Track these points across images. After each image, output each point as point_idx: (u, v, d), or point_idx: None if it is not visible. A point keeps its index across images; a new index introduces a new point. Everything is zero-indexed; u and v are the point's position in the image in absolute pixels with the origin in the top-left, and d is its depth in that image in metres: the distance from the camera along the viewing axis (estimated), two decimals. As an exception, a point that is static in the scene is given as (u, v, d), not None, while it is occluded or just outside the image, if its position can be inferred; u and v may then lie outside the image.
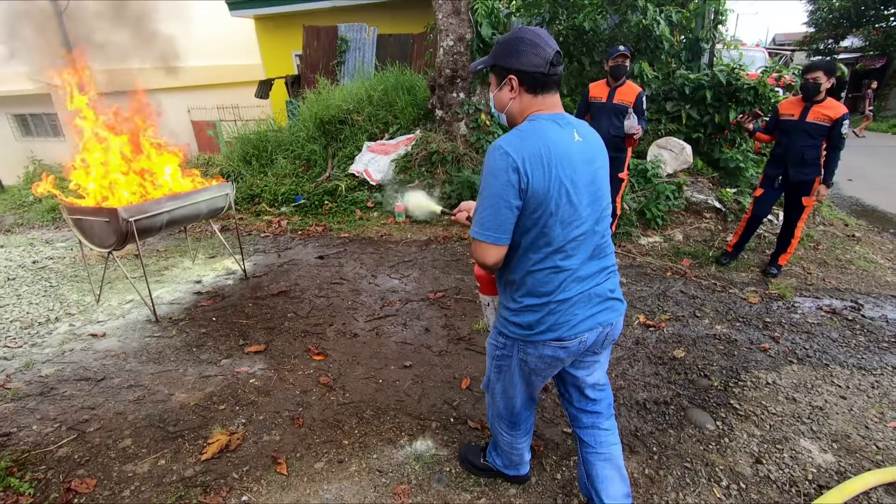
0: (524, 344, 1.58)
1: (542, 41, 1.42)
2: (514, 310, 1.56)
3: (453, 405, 2.61)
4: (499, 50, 1.47)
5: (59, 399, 2.77)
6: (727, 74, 5.49)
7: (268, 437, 2.42)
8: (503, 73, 1.47)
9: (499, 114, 1.58)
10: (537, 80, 1.43)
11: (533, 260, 1.48)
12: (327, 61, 9.25)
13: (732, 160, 5.49)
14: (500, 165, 1.37)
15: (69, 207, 3.55)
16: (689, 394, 2.67)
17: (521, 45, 1.42)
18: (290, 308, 3.77)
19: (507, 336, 1.62)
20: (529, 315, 1.53)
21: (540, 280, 1.49)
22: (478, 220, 1.44)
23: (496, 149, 1.40)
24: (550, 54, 1.41)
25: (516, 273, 1.52)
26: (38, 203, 7.05)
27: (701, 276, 4.11)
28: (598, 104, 4.28)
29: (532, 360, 1.59)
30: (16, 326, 3.65)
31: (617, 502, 1.73)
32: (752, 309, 3.58)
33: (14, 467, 2.24)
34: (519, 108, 1.49)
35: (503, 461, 2.04)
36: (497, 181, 1.38)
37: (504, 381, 1.73)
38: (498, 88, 1.51)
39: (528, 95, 1.46)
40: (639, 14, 5.50)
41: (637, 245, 4.74)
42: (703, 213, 5.20)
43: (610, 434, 1.80)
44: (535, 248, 1.47)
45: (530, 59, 1.41)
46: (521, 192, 1.38)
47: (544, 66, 1.41)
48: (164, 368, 3.04)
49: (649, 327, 3.35)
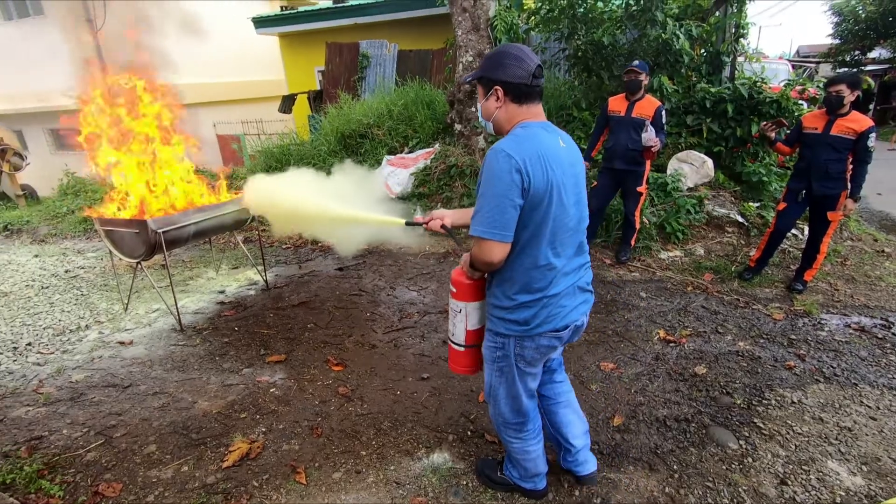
0: (521, 339, 1.69)
1: (525, 55, 1.55)
2: (510, 308, 1.66)
3: (470, 418, 2.61)
4: (486, 63, 1.61)
5: (88, 404, 2.86)
6: (749, 88, 5.44)
7: (287, 447, 2.45)
8: (490, 84, 1.59)
9: (485, 122, 1.71)
10: (522, 91, 1.56)
11: (530, 257, 1.59)
12: (349, 77, 9.45)
13: (755, 174, 5.41)
14: (504, 167, 1.47)
15: (101, 219, 3.69)
16: (710, 411, 2.63)
17: (506, 58, 1.55)
18: (310, 319, 3.83)
19: (504, 335, 1.71)
20: (525, 311, 1.65)
21: (535, 277, 1.61)
22: (483, 220, 1.51)
23: (498, 152, 1.49)
24: (533, 67, 1.54)
25: (514, 271, 1.62)
26: (70, 214, 7.31)
27: (723, 291, 4.05)
28: (617, 118, 4.29)
29: (529, 352, 1.71)
30: (48, 333, 3.78)
31: (580, 440, 2.05)
32: (776, 326, 3.50)
33: (45, 470, 2.32)
34: (506, 117, 1.61)
35: (519, 472, 2.04)
36: (501, 182, 1.47)
37: (507, 381, 1.80)
38: (485, 98, 1.63)
39: (513, 105, 1.59)
40: (658, 28, 5.50)
41: (657, 259, 4.69)
42: (725, 228, 5.12)
43: (564, 384, 2.08)
44: (531, 245, 1.58)
45: (515, 71, 1.54)
46: (523, 191, 1.48)
47: (528, 78, 1.54)
48: (187, 376, 3.12)
49: (669, 343, 3.31)
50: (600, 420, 2.58)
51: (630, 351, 3.23)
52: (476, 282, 1.81)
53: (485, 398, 1.98)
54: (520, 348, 1.72)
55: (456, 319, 1.91)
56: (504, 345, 1.74)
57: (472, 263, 1.67)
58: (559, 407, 2.04)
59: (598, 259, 4.75)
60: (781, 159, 5.88)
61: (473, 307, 1.86)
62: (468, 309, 1.86)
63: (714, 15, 5.85)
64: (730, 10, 5.72)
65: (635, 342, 3.33)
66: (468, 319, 1.88)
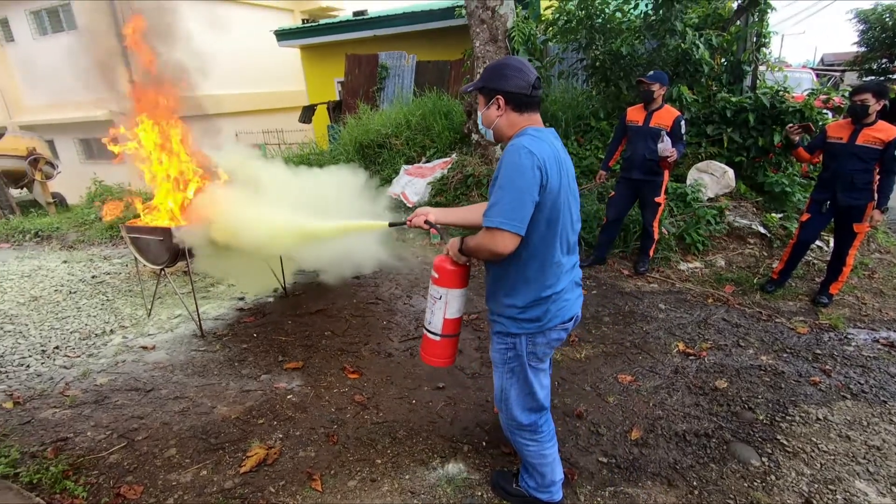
0: (534, 336, 1.77)
1: (525, 67, 1.65)
2: (522, 307, 1.73)
3: (486, 429, 2.60)
4: (487, 74, 1.70)
5: (112, 407, 2.93)
6: (771, 97, 5.36)
7: (303, 453, 2.47)
8: (491, 93, 1.68)
9: (486, 129, 1.79)
10: (522, 100, 1.65)
11: (545, 256, 1.68)
12: (368, 87, 9.60)
13: (778, 184, 5.31)
14: (527, 164, 1.54)
15: (128, 226, 3.80)
16: (732, 427, 2.57)
17: (507, 70, 1.65)
18: (328, 326, 3.87)
19: (515, 334, 1.78)
20: (536, 309, 1.73)
21: (548, 275, 1.70)
22: (502, 211, 1.55)
23: (521, 149, 1.56)
24: (532, 79, 1.64)
25: (529, 270, 1.70)
26: (98, 221, 7.54)
27: (745, 303, 3.97)
28: (635, 128, 4.27)
29: (541, 348, 1.80)
30: (75, 337, 3.89)
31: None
32: (800, 340, 3.42)
33: (70, 471, 2.38)
34: (507, 124, 1.70)
35: (536, 482, 2.03)
36: (524, 177, 1.54)
37: (519, 381, 1.85)
38: (486, 107, 1.72)
39: (514, 113, 1.68)
40: (677, 38, 5.47)
41: (676, 270, 4.62)
42: (747, 239, 5.03)
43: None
44: (545, 244, 1.67)
45: (516, 81, 1.64)
46: (541, 188, 1.57)
47: (527, 89, 1.64)
48: (207, 381, 3.17)
49: (689, 356, 3.25)
50: (618, 433, 2.55)
51: (648, 363, 3.18)
52: (461, 268, 1.85)
53: (496, 405, 1.99)
54: (532, 346, 1.78)
55: (435, 307, 1.91)
56: (515, 345, 1.79)
57: (473, 251, 1.70)
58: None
59: (616, 270, 4.70)
60: (805, 169, 5.77)
61: (455, 294, 1.88)
62: (450, 296, 1.87)
63: (735, 24, 5.79)
64: (751, 18, 5.66)
65: (654, 354, 3.29)
66: (448, 307, 1.89)
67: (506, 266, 1.72)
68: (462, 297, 1.91)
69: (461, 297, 1.90)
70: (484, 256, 1.67)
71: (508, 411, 1.92)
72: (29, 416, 2.85)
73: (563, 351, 3.36)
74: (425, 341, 2.01)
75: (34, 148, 9.62)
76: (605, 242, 4.72)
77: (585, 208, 5.26)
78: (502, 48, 5.60)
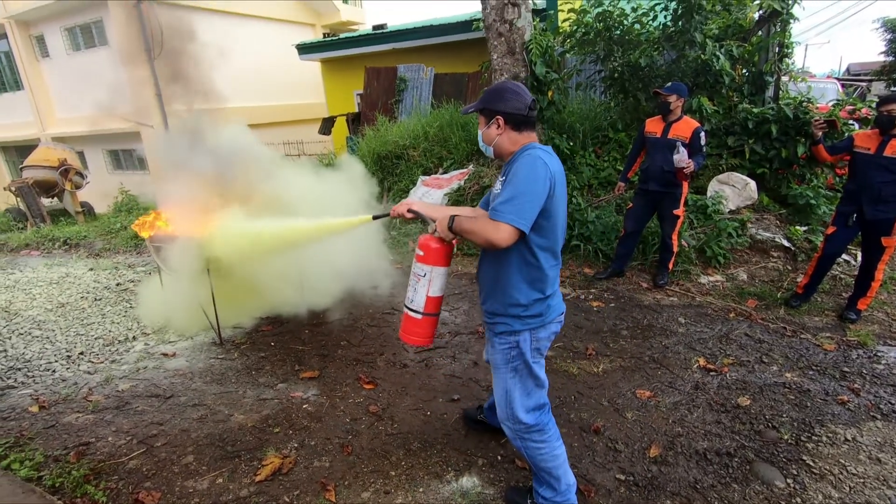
0: (536, 330, 1.90)
1: (521, 91, 1.82)
2: (527, 304, 1.87)
3: (501, 442, 2.57)
4: (487, 97, 1.86)
5: (133, 413, 2.98)
6: (794, 108, 5.26)
7: (318, 463, 2.48)
8: (492, 114, 1.84)
9: (486, 147, 1.91)
10: (519, 120, 1.81)
11: (551, 258, 1.86)
12: (386, 100, 9.72)
13: (802, 196, 5.19)
14: (542, 174, 1.70)
15: (152, 236, 3.90)
16: (755, 446, 2.50)
17: (506, 93, 1.82)
18: (344, 336, 3.89)
19: (518, 331, 1.89)
20: (539, 306, 1.88)
21: (551, 276, 1.88)
22: (515, 208, 1.67)
23: (537, 160, 1.72)
24: (528, 101, 1.81)
25: (541, 271, 1.84)
26: (123, 230, 7.74)
27: (768, 318, 3.87)
28: (653, 139, 4.24)
29: (543, 342, 1.94)
30: (99, 343, 3.98)
31: None
32: (827, 357, 3.31)
33: (91, 475, 2.42)
34: (508, 141, 1.85)
35: (552, 490, 2.02)
36: (537, 184, 1.69)
37: (522, 380, 1.95)
38: (486, 126, 1.87)
39: (513, 132, 1.83)
40: (697, 49, 5.43)
41: (696, 284, 4.54)
42: (770, 252, 4.92)
43: None
44: (551, 248, 1.85)
45: (514, 103, 1.80)
46: (549, 197, 1.72)
47: (524, 109, 1.80)
48: (225, 389, 3.21)
49: (710, 371, 3.18)
50: (636, 450, 2.50)
51: (668, 379, 3.12)
52: (446, 247, 1.94)
53: (500, 414, 2.02)
54: (535, 341, 1.91)
55: (418, 285, 1.98)
56: (518, 343, 1.90)
57: (467, 232, 1.77)
58: None
59: (635, 282, 4.64)
60: (830, 181, 5.63)
61: (439, 272, 1.96)
62: (433, 273, 1.95)
63: (756, 35, 5.73)
64: (773, 29, 5.59)
65: (673, 370, 3.22)
66: (431, 285, 1.96)
67: (511, 267, 1.84)
68: (445, 276, 2.00)
69: (444, 276, 1.99)
70: (478, 241, 1.75)
71: (514, 415, 1.96)
72: (53, 420, 2.92)
73: (580, 365, 3.31)
74: (406, 320, 2.06)
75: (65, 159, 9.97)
76: (623, 254, 4.67)
77: (603, 220, 5.22)
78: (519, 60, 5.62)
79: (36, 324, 4.43)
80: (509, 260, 1.82)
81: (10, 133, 14.05)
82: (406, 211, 2.05)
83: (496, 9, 5.53)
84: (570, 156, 6.06)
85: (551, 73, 5.62)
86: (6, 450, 2.63)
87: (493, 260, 1.89)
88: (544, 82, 5.58)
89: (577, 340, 3.67)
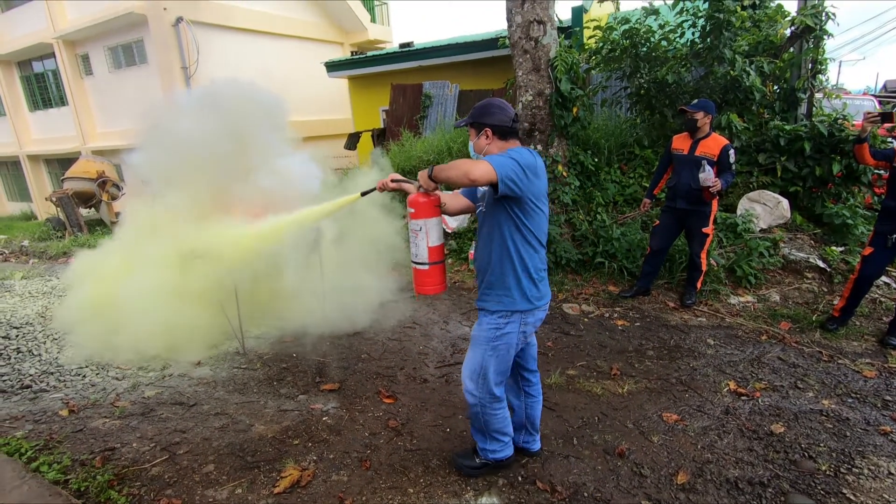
0: (526, 314, 2.13)
1: (506, 106, 2.11)
2: (524, 292, 2.11)
3: (521, 462, 2.51)
4: (476, 112, 2.13)
5: (157, 420, 3.03)
6: (829, 125, 5.12)
7: (336, 477, 2.46)
8: (481, 126, 2.11)
9: (476, 155, 2.17)
10: (505, 131, 2.10)
11: (537, 243, 2.11)
12: (411, 116, 9.85)
13: (838, 216, 5.01)
14: (529, 159, 1.98)
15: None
16: (790, 476, 2.38)
17: (493, 108, 2.10)
18: (364, 349, 3.89)
19: (511, 313, 2.11)
20: (533, 289, 2.13)
21: (541, 259, 2.15)
22: (497, 161, 1.91)
23: (527, 148, 2.06)
24: (512, 114, 2.10)
25: (540, 261, 2.14)
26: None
27: (802, 342, 3.71)
28: (680, 156, 4.17)
29: (530, 327, 2.18)
30: (128, 350, 4.07)
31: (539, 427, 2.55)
32: (867, 384, 3.15)
33: (115, 480, 2.46)
34: (496, 149, 2.10)
35: (497, 444, 2.34)
36: (523, 159, 1.95)
37: (497, 358, 2.16)
38: (477, 137, 2.14)
39: (500, 141, 2.11)
40: (726, 66, 5.35)
41: (726, 304, 4.40)
42: (804, 273, 4.75)
43: (539, 384, 2.49)
44: (540, 232, 2.10)
45: (499, 116, 2.08)
46: (534, 176, 1.97)
47: (508, 122, 2.09)
48: (247, 399, 3.24)
49: (741, 396, 3.06)
50: (662, 476, 2.40)
51: (696, 402, 3.01)
52: (432, 198, 2.14)
53: (470, 384, 2.22)
54: (524, 325, 2.14)
55: (418, 239, 2.17)
56: (508, 324, 2.12)
57: (445, 169, 1.95)
58: (537, 402, 2.47)
59: (661, 301, 4.53)
60: (868, 199, 5.42)
61: (432, 223, 2.16)
62: (428, 225, 2.14)
63: (788, 51, 5.62)
64: (805, 45, 5.48)
65: (702, 393, 3.11)
66: (429, 236, 2.15)
67: (503, 251, 2.08)
68: (439, 226, 2.18)
69: (438, 225, 2.18)
70: (457, 178, 1.90)
71: (486, 385, 2.19)
72: (81, 425, 2.99)
73: (604, 385, 3.23)
74: (416, 274, 2.23)
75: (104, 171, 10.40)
76: (649, 273, 4.57)
77: (629, 237, 5.13)
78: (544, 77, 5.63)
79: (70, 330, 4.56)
80: (502, 244, 2.07)
81: (54, 147, 14.72)
82: (390, 181, 2.28)
83: (522, 26, 5.57)
84: (594, 172, 6.01)
85: (576, 90, 5.60)
86: (36, 452, 2.70)
87: (488, 243, 2.13)
88: (569, 99, 5.57)
89: (600, 359, 3.58)
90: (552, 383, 3.25)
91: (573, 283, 5.03)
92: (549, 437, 2.71)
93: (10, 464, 2.54)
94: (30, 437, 2.84)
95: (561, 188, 5.75)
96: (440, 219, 2.19)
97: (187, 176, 3.89)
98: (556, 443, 2.68)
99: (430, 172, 2.03)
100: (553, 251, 5.20)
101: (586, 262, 5.23)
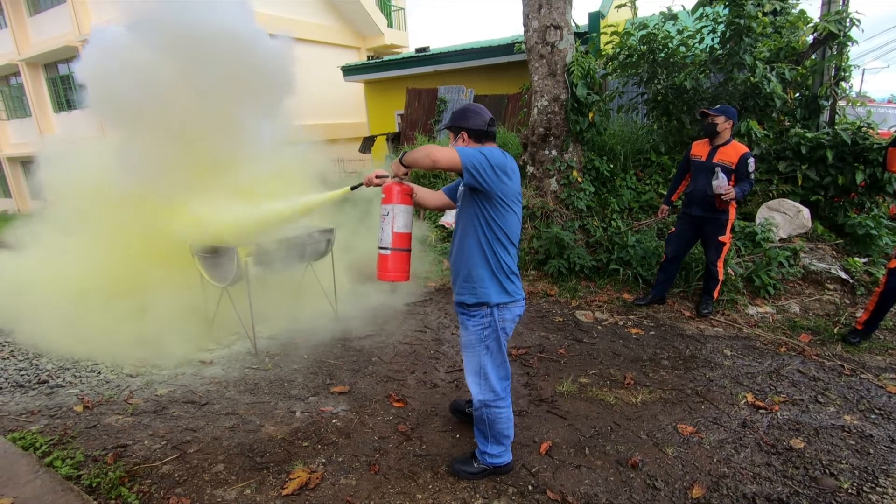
0: (503, 309, 2.21)
1: (482, 111, 2.22)
2: (499, 285, 2.20)
3: (532, 471, 2.47)
4: (454, 117, 2.25)
5: (169, 418, 3.05)
6: (853, 133, 5.00)
7: (344, 480, 2.45)
8: (458, 130, 2.22)
9: None
10: (481, 134, 2.21)
11: (512, 245, 2.22)
12: (426, 120, 9.89)
13: (861, 226, 4.88)
14: (499, 157, 2.07)
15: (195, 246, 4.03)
16: (810, 494, 2.30)
17: (469, 113, 2.21)
18: (375, 352, 3.88)
19: (490, 306, 2.18)
20: (510, 284, 2.22)
21: (513, 258, 2.25)
22: (469, 154, 1.98)
23: (500, 150, 2.13)
24: (488, 118, 2.21)
25: (511, 258, 2.23)
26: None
27: (823, 355, 3.62)
28: (697, 162, 4.11)
29: (508, 323, 2.26)
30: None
31: None
32: (891, 400, 3.05)
33: (126, 477, 2.47)
34: None
35: (499, 447, 2.37)
36: (494, 158, 2.03)
37: (493, 354, 2.25)
38: (454, 140, 2.25)
39: (476, 143, 2.21)
40: (746, 72, 5.27)
41: (744, 315, 4.31)
42: (826, 284, 4.63)
43: None
44: (512, 235, 2.20)
45: (475, 121, 2.20)
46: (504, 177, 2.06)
47: (484, 126, 2.20)
48: (258, 399, 3.24)
49: (759, 409, 2.98)
50: (677, 489, 2.35)
51: (712, 414, 2.94)
52: (404, 187, 2.24)
53: (475, 390, 2.28)
54: (502, 321, 2.22)
55: (384, 224, 2.24)
56: (490, 313, 2.19)
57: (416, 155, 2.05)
58: None
59: (677, 311, 4.45)
60: (893, 210, 5.28)
61: (400, 209, 2.23)
62: (395, 211, 2.22)
63: (810, 58, 5.52)
64: (828, 52, 5.37)
65: (718, 405, 3.04)
66: (395, 221, 2.22)
67: (476, 250, 2.16)
68: (407, 214, 2.25)
69: (406, 213, 2.24)
70: (422, 160, 2.01)
71: (490, 386, 2.26)
72: (95, 421, 3.02)
73: (616, 394, 3.18)
74: (379, 260, 2.28)
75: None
76: (664, 281, 4.50)
77: (644, 244, 5.06)
78: (560, 82, 5.60)
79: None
80: (476, 239, 2.16)
81: (76, 146, 15.11)
82: (374, 177, 2.43)
83: (538, 31, 5.56)
84: (610, 178, 5.95)
85: (592, 95, 5.57)
86: (51, 447, 2.73)
87: (462, 238, 2.22)
88: (585, 104, 5.53)
89: (614, 368, 3.53)
90: (564, 391, 3.21)
91: (587, 290, 4.97)
92: (561, 445, 2.67)
93: (25, 458, 2.57)
94: (45, 432, 2.88)
95: (575, 194, 5.70)
96: (410, 208, 2.27)
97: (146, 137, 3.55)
98: (568, 452, 2.63)
99: (401, 158, 2.13)
100: (566, 257, 5.15)
101: (600, 268, 5.17)
